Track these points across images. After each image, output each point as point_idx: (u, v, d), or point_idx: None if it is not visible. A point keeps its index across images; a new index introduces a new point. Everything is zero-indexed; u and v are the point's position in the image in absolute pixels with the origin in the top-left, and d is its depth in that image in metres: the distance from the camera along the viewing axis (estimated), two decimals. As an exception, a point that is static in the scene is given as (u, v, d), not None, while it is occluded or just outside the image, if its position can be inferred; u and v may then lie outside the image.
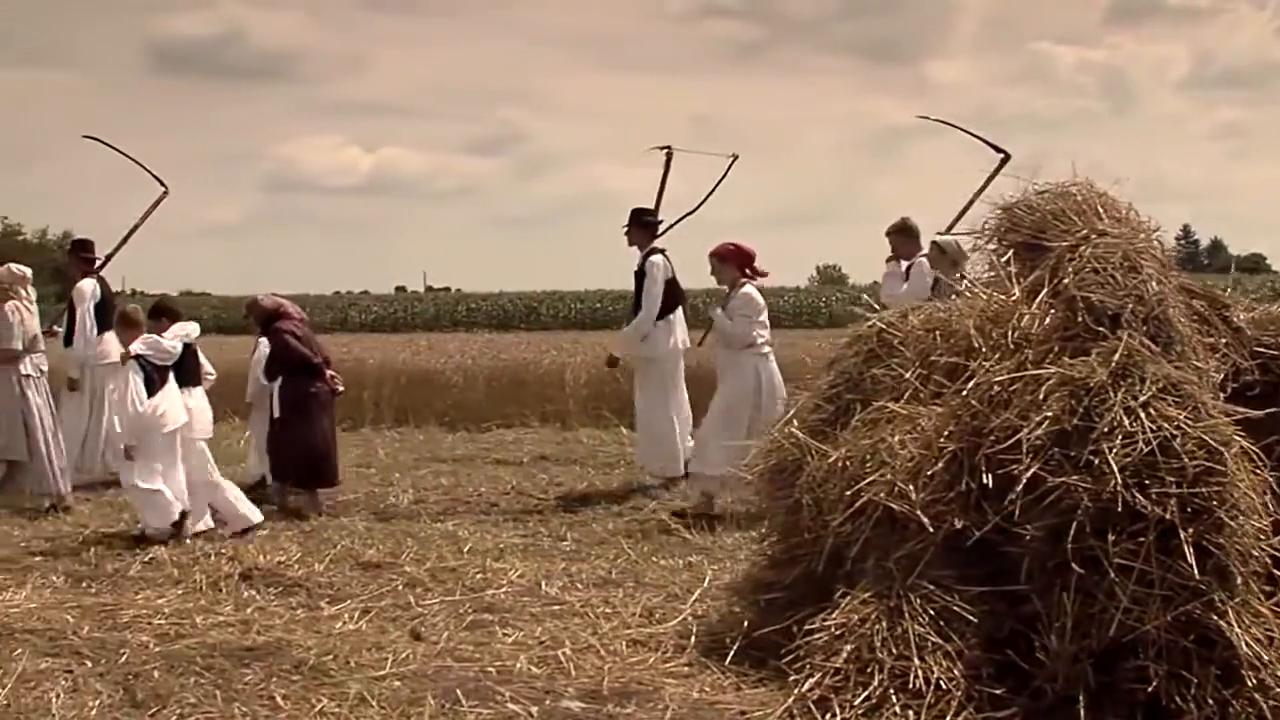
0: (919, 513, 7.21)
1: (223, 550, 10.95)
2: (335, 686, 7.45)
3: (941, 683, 6.59)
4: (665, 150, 15.14)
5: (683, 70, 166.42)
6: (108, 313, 14.74)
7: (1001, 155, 14.41)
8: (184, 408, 11.95)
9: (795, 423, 8.63)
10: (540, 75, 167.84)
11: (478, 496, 13.93)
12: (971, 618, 6.89)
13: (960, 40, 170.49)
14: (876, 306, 9.40)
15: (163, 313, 12.68)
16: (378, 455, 17.45)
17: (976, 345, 7.89)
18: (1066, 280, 7.73)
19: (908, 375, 8.21)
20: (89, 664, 7.98)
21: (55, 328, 15.41)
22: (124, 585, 10.05)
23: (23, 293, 14.08)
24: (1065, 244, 7.93)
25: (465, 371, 21.14)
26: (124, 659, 8.02)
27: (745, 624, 8.12)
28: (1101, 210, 8.19)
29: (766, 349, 12.70)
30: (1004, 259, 8.37)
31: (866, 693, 6.63)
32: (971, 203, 14.05)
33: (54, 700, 7.29)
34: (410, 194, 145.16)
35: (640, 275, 14.07)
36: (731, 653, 7.80)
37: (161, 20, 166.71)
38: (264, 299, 14.36)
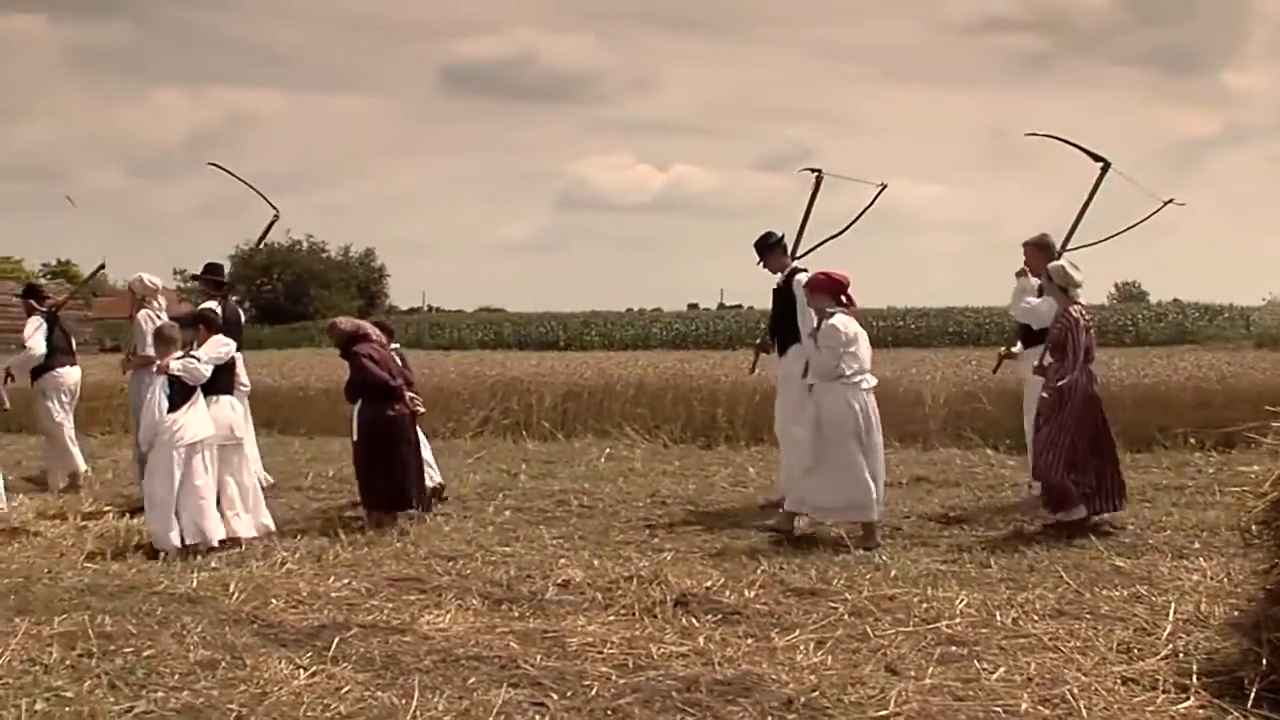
0: None
1: (640, 573, 10.36)
2: (843, 728, 6.79)
3: None
4: (816, 174, 14.55)
5: (970, 83, 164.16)
6: (228, 333, 14.64)
7: (1101, 164, 13.72)
8: (209, 420, 12.51)
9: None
10: (828, 91, 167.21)
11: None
12: None
13: (1259, 47, 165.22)
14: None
15: (201, 322, 13.33)
16: (749, 474, 16.74)
17: None
18: None
19: None
20: (555, 696, 7.47)
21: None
22: (548, 609, 9.54)
23: (154, 303, 15.51)
24: None
25: (819, 388, 20.37)
26: (593, 692, 7.50)
27: (1262, 663, 7.32)
28: None
29: (858, 379, 12.14)
30: None
31: None
32: (1082, 215, 13.70)
33: (538, 737, 6.76)
34: (701, 211, 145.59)
35: (781, 294, 13.89)
36: (1252, 695, 7.07)
37: (454, 44, 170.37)
38: (343, 322, 14.26)
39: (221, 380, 13.08)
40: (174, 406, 12.36)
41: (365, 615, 9.38)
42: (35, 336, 16.40)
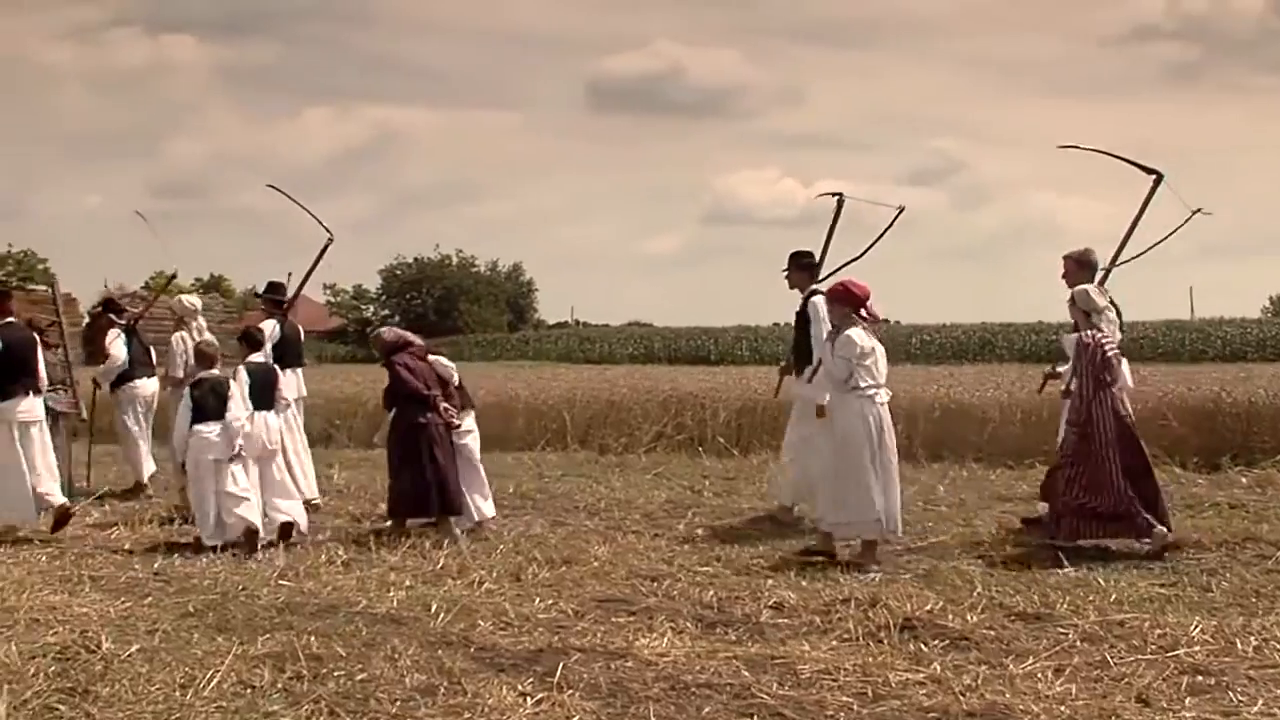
0: None
1: (856, 596, 10.04)
2: (1115, 767, 6.45)
3: None
4: (837, 197, 14.66)
5: (1118, 94, 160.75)
6: (284, 351, 15.61)
7: (1154, 176, 13.27)
8: (228, 439, 13.25)
9: None
10: (974, 104, 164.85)
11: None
12: None
13: None
14: None
15: (245, 340, 14.39)
16: (938, 492, 16.29)
17: None
18: None
19: None
20: (800, 728, 7.15)
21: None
22: (766, 633, 9.24)
23: (192, 324, 16.19)
24: None
25: (1000, 405, 19.92)
26: (840, 724, 7.16)
27: None
28: None
29: (872, 392, 11.98)
30: None
31: None
32: (1133, 229, 13.40)
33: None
34: (847, 225, 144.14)
35: (802, 317, 14.12)
36: None
37: (599, 61, 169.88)
38: (385, 332, 14.81)
39: (262, 398, 13.79)
40: (198, 419, 13.29)
41: (579, 638, 9.12)
42: (116, 345, 17.19)
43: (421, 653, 8.78)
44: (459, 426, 14.00)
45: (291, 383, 15.53)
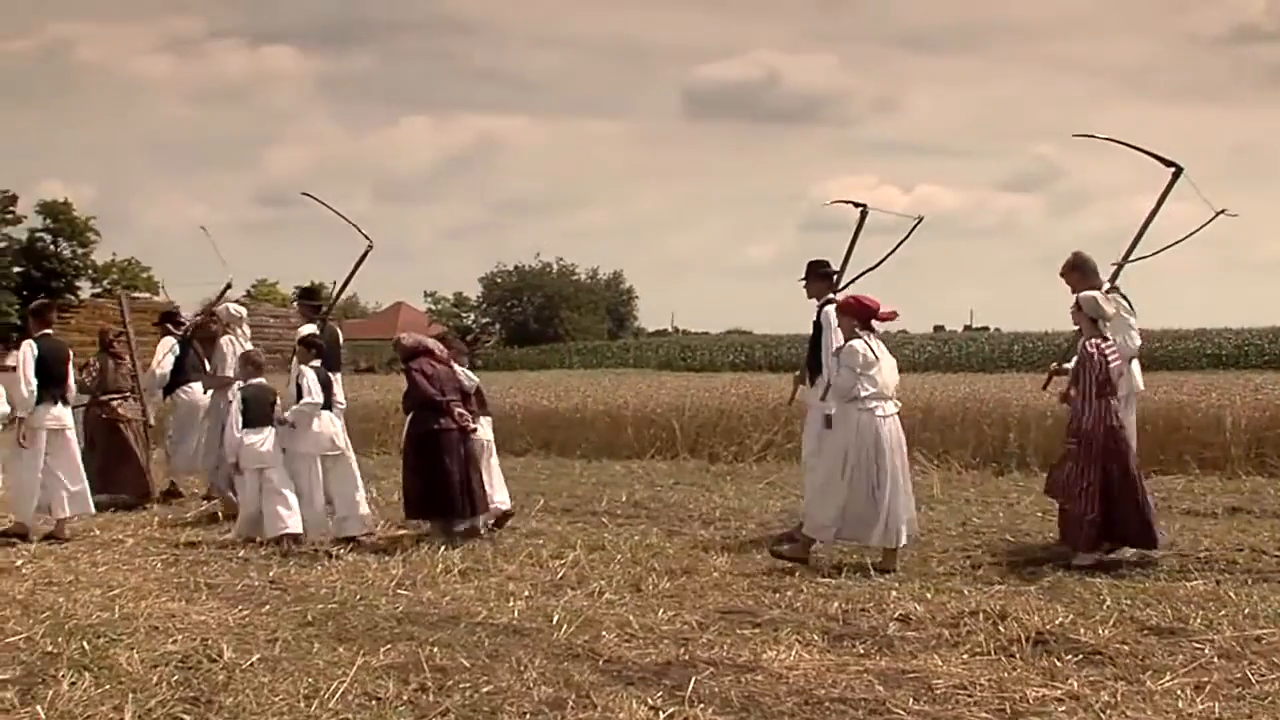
0: None
1: (985, 608, 9.86)
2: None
3: None
4: (860, 208, 14.44)
5: (1218, 98, 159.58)
6: (326, 355, 15.54)
7: (1173, 170, 13.04)
8: (271, 444, 14.07)
9: None
10: (1073, 109, 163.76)
11: (1206, 553, 12.40)
12: None
13: None
14: None
15: (310, 346, 14.89)
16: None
17: None
18: None
19: None
20: (942, 746, 7.01)
21: None
22: (894, 646, 9.05)
23: (237, 330, 17.05)
24: None
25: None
26: (982, 743, 7.02)
27: None
28: None
29: (874, 405, 12.02)
30: None
31: None
32: (1148, 224, 13.24)
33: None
34: (947, 232, 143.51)
35: (818, 326, 13.78)
36: None
37: (697, 68, 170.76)
38: (405, 338, 15.01)
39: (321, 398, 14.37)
40: (248, 424, 14.08)
41: (705, 650, 8.96)
42: (165, 358, 17.92)
43: (547, 665, 8.67)
44: (475, 431, 14.22)
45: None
